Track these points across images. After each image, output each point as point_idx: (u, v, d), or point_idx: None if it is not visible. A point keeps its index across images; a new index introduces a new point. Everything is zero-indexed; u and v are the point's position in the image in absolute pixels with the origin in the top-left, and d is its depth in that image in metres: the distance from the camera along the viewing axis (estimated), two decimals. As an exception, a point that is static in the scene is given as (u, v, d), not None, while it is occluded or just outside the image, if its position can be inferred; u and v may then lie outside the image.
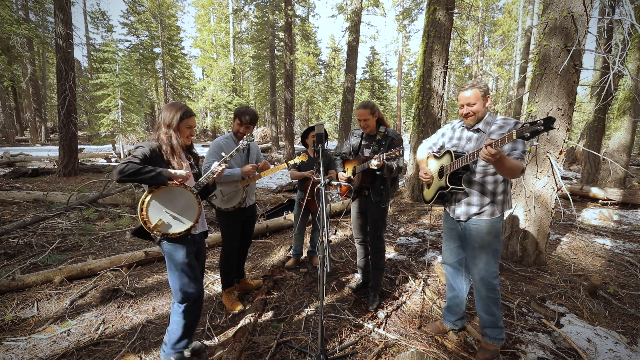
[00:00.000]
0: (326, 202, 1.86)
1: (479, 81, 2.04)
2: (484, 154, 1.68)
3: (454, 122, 2.27)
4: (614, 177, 7.86)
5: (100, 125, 15.86)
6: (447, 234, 2.32)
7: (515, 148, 1.90)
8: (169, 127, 1.89)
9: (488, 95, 2.00)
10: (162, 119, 1.90)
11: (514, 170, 1.80)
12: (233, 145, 2.65)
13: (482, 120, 2.02)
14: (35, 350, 2.20)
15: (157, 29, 27.47)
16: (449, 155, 2.04)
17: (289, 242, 4.41)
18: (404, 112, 34.82)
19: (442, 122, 6.88)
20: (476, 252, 2.09)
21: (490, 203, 2.03)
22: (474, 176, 2.05)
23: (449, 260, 2.34)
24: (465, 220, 2.11)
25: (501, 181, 2.02)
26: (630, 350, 2.25)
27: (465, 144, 2.10)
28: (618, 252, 4.17)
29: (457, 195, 2.12)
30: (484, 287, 2.09)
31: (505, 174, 1.89)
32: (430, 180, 2.22)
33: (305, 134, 3.48)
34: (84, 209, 5.32)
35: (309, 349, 2.17)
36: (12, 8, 13.35)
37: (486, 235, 2.04)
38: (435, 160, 2.24)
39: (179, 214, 1.90)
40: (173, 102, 1.95)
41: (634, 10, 6.12)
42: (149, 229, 1.82)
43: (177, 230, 1.89)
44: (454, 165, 1.97)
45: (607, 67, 3.53)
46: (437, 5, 6.29)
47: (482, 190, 2.04)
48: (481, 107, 2.00)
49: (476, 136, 2.05)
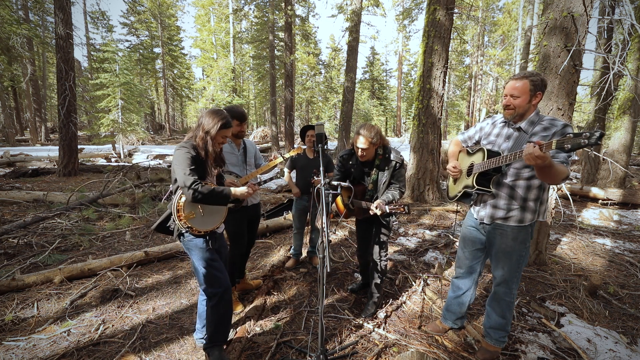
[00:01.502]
0: (326, 203, 1.86)
1: (536, 73, 1.81)
2: (530, 155, 1.48)
3: (495, 116, 2.08)
4: (614, 177, 7.86)
5: (100, 125, 15.86)
6: (466, 235, 2.17)
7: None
8: (207, 133, 1.92)
9: (539, 92, 1.79)
10: (203, 124, 1.93)
11: (558, 175, 1.60)
12: (228, 147, 2.62)
13: (527, 119, 1.84)
14: (35, 350, 2.20)
15: (157, 29, 27.49)
16: (481, 153, 1.89)
17: (289, 242, 4.41)
18: (404, 112, 34.83)
19: (442, 122, 6.89)
20: (500, 257, 1.98)
21: (518, 208, 1.88)
22: (504, 178, 1.88)
23: (462, 263, 2.22)
24: (489, 223, 1.98)
25: (536, 187, 1.85)
26: (630, 350, 2.25)
27: (503, 142, 1.92)
28: (618, 252, 4.17)
29: (483, 197, 1.99)
30: (503, 291, 2.01)
31: (546, 179, 1.70)
32: (458, 174, 2.08)
33: (303, 133, 3.45)
34: (84, 209, 5.32)
35: (309, 349, 2.17)
36: (12, 8, 13.36)
37: (511, 242, 1.91)
38: (467, 156, 2.08)
39: (209, 213, 1.98)
40: (216, 110, 1.99)
41: (634, 10, 6.12)
42: (179, 217, 1.87)
43: (203, 228, 1.95)
44: (484, 165, 1.83)
45: (607, 67, 3.53)
46: (437, 5, 6.29)
47: (512, 194, 1.88)
48: (525, 102, 1.80)
49: (516, 135, 1.87)
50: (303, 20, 20.13)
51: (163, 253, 3.68)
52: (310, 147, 3.44)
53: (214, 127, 1.92)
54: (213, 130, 1.92)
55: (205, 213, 1.97)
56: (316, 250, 1.87)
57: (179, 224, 1.90)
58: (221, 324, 2.07)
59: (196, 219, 1.92)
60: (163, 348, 2.25)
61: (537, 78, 1.78)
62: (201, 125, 1.94)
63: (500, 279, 2.01)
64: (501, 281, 2.01)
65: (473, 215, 2.11)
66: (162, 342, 2.31)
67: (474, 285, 2.25)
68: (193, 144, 1.93)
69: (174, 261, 3.70)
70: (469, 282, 2.24)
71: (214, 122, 1.92)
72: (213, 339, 2.05)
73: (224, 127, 1.95)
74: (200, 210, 1.94)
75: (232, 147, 2.67)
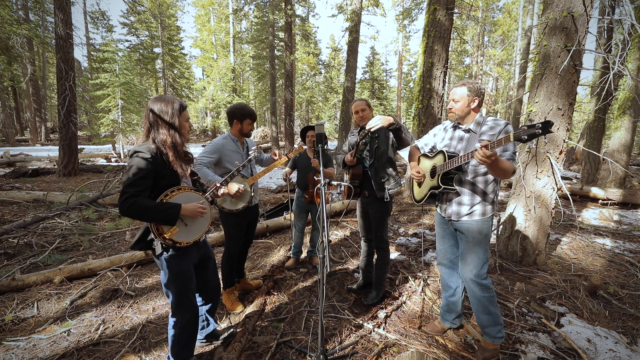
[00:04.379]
0: (326, 202, 1.86)
1: (473, 81, 2.04)
2: (479, 155, 1.68)
3: (445, 122, 2.28)
4: (614, 177, 7.85)
5: (100, 125, 15.87)
6: (440, 233, 2.33)
7: (506, 149, 1.92)
8: (170, 125, 1.63)
9: (476, 97, 2.00)
10: (160, 116, 1.62)
11: (506, 171, 1.82)
12: (233, 146, 2.64)
13: (474, 121, 2.03)
14: (35, 350, 2.20)
15: (157, 29, 27.48)
16: (442, 155, 2.04)
17: (289, 242, 4.41)
18: (404, 112, 34.81)
19: (442, 122, 6.88)
20: (467, 252, 2.11)
21: (480, 202, 2.05)
22: (465, 176, 2.06)
23: (444, 260, 2.35)
24: (456, 220, 2.12)
25: (491, 181, 2.05)
26: (630, 350, 2.25)
27: (457, 143, 2.11)
28: (618, 252, 4.17)
29: (449, 195, 2.14)
30: (477, 287, 2.09)
31: (497, 175, 1.90)
32: (422, 178, 2.24)
33: (303, 134, 3.46)
34: (84, 209, 5.33)
35: (309, 349, 2.17)
36: (12, 8, 13.37)
37: (477, 235, 2.06)
38: (427, 159, 2.24)
39: (191, 223, 1.76)
40: (160, 96, 1.69)
41: (634, 10, 6.11)
42: (161, 236, 1.63)
43: (192, 239, 1.75)
44: (447, 166, 1.98)
45: (607, 67, 3.53)
46: (437, 5, 6.29)
47: (473, 189, 2.06)
48: (464, 106, 2.02)
49: (467, 136, 2.06)
50: (303, 20, 20.12)
51: (163, 253, 3.68)
52: (311, 148, 3.45)
53: (174, 114, 1.64)
54: (175, 118, 1.64)
55: (189, 222, 1.74)
56: (316, 250, 1.88)
57: (162, 241, 1.64)
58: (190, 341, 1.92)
59: (181, 233, 1.68)
60: (163, 348, 2.25)
61: (473, 85, 2.01)
62: (157, 120, 1.62)
63: (469, 275, 2.09)
64: (471, 277, 2.08)
65: (441, 215, 2.25)
66: (162, 342, 2.31)
67: (460, 278, 2.32)
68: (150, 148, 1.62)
69: (174, 261, 3.70)
70: (456, 280, 2.34)
71: (171, 108, 1.64)
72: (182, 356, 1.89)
73: (183, 109, 1.69)
74: (183, 222, 1.70)
75: (237, 145, 2.66)
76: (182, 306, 1.83)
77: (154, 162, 1.60)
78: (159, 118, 1.63)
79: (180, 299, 1.81)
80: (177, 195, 1.69)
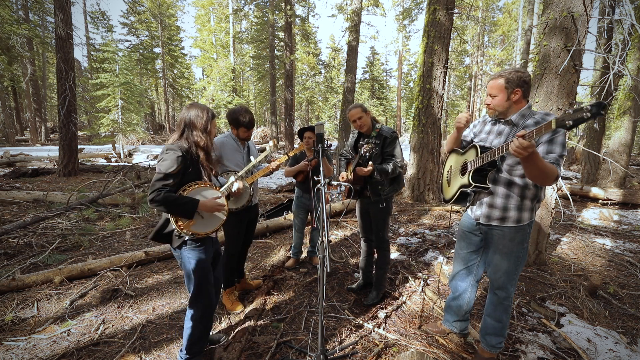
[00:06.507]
0: (326, 202, 1.86)
1: (513, 70, 1.75)
2: (514, 146, 1.44)
3: (486, 115, 2.04)
4: (614, 177, 7.86)
5: (100, 125, 15.86)
6: (463, 237, 2.11)
7: (551, 151, 1.63)
8: (204, 129, 1.82)
9: (518, 89, 1.72)
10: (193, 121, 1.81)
11: (546, 173, 1.54)
12: (234, 145, 2.64)
13: (518, 112, 1.77)
14: (35, 350, 2.20)
15: (157, 29, 27.49)
16: (474, 149, 1.82)
17: (289, 242, 4.41)
18: (404, 112, 34.83)
19: (442, 122, 6.89)
20: (497, 259, 1.91)
21: (515, 207, 1.81)
22: (500, 174, 1.82)
23: (459, 266, 2.17)
24: (485, 223, 1.91)
25: (533, 184, 1.77)
26: (630, 350, 2.25)
27: (494, 138, 1.87)
28: (618, 252, 4.17)
29: (480, 195, 1.92)
30: (500, 294, 1.95)
31: (534, 177, 1.61)
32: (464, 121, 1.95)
33: (300, 134, 3.46)
34: (84, 209, 5.32)
35: (309, 349, 2.17)
36: (12, 8, 13.37)
37: (509, 242, 1.85)
38: (458, 156, 2.03)
39: (208, 216, 1.90)
40: (194, 103, 1.89)
41: (634, 10, 6.12)
42: (179, 226, 1.77)
43: (208, 230, 1.88)
44: (478, 161, 1.75)
45: (607, 67, 3.53)
46: (437, 5, 6.29)
47: (508, 192, 1.80)
48: (503, 100, 1.76)
49: (507, 130, 1.81)
50: (303, 20, 20.13)
51: (163, 253, 3.68)
52: (309, 148, 3.45)
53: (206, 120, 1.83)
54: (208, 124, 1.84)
55: (206, 215, 1.89)
56: (316, 250, 1.87)
57: (180, 232, 1.79)
58: (203, 336, 2.01)
59: (198, 224, 1.84)
60: (163, 348, 2.25)
61: (513, 75, 1.72)
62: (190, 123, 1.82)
63: (497, 283, 1.94)
64: (498, 285, 1.94)
65: (470, 216, 2.06)
66: (162, 342, 2.31)
67: (470, 287, 2.19)
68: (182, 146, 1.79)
69: (174, 261, 3.70)
70: (466, 284, 2.19)
71: (204, 115, 1.84)
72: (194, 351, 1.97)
73: (213, 117, 1.88)
74: (200, 214, 1.85)
75: (238, 145, 2.67)
76: (201, 298, 1.93)
77: (184, 159, 1.76)
78: (194, 122, 1.83)
79: (198, 290, 1.92)
80: (195, 189, 1.84)
